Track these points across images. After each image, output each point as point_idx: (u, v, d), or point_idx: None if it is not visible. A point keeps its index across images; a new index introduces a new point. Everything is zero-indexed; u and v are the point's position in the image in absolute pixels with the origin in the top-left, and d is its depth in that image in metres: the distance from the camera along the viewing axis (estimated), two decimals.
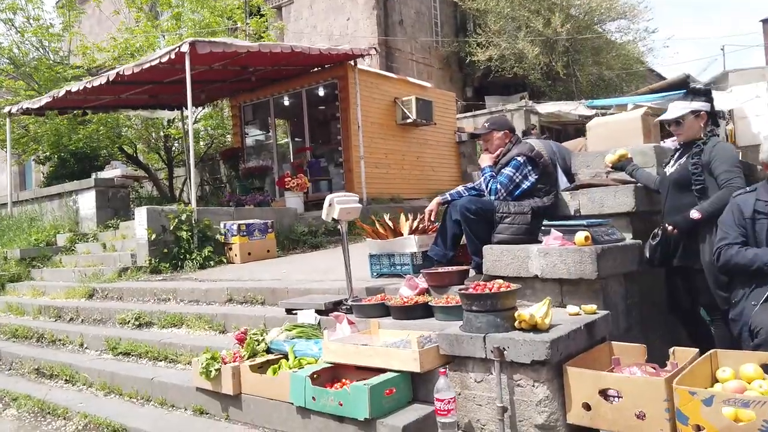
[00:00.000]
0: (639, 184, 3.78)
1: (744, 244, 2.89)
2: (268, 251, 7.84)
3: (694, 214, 3.20)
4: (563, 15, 20.98)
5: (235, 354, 3.64)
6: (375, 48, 10.75)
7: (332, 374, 3.35)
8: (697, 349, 2.82)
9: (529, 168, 3.74)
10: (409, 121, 11.92)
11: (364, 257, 5.01)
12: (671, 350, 2.91)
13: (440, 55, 22.49)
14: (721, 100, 17.62)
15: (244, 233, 7.62)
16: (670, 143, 4.84)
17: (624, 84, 23.77)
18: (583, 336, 2.90)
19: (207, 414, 3.70)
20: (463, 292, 2.97)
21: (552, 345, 2.65)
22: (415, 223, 4.91)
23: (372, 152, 11.10)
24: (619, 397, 2.55)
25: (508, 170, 3.77)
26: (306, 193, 10.53)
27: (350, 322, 3.65)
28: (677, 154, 3.51)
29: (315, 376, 3.21)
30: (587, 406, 2.62)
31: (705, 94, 3.42)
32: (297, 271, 5.95)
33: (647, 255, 3.57)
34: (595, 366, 2.90)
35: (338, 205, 3.96)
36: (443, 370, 2.85)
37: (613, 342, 3.06)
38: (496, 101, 21.41)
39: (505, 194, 3.73)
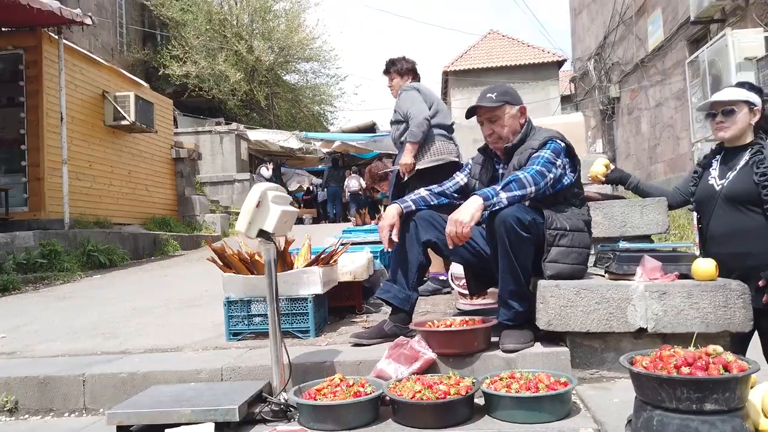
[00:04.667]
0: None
1: None
2: None
3: None
4: (265, 45, 20.39)
5: None
6: (90, 17, 7.87)
7: None
8: None
9: (567, 160, 2.47)
10: (124, 123, 9.17)
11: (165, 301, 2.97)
12: None
13: (126, 61, 19.20)
14: None
15: None
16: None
17: (317, 122, 24.46)
18: None
19: None
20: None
21: None
22: (300, 247, 3.12)
23: (73, 158, 8.05)
24: None
25: (546, 153, 2.40)
26: None
27: None
28: (717, 160, 2.71)
29: None
30: None
31: (759, 91, 2.75)
32: (32, 335, 3.25)
33: None
34: None
35: (275, 205, 1.96)
36: None
37: None
38: (193, 122, 19.26)
39: (546, 186, 2.33)
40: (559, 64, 25.02)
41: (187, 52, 19.13)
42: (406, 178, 3.89)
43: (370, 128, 21.89)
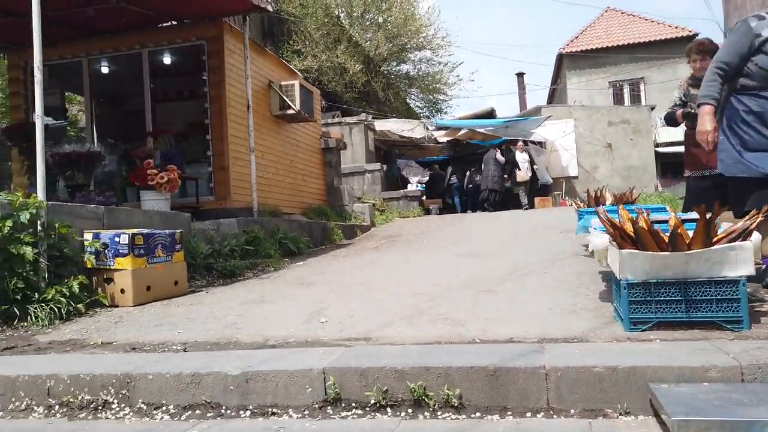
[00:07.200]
0: None
1: None
2: (176, 283, 4.42)
3: None
4: (382, 35, 20.21)
5: None
6: (269, 2, 7.80)
7: None
8: None
9: None
10: (289, 112, 9.11)
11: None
12: None
13: None
14: (541, 132, 18.56)
15: (141, 251, 4.11)
16: None
17: (430, 112, 24.11)
18: None
19: None
20: None
21: None
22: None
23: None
24: None
25: None
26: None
27: None
28: None
29: None
30: None
31: None
32: (351, 320, 2.97)
33: None
34: None
35: None
36: None
37: None
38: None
39: None
40: (691, 39, 23.18)
41: (307, 46, 19.27)
42: None
43: (489, 114, 21.14)
